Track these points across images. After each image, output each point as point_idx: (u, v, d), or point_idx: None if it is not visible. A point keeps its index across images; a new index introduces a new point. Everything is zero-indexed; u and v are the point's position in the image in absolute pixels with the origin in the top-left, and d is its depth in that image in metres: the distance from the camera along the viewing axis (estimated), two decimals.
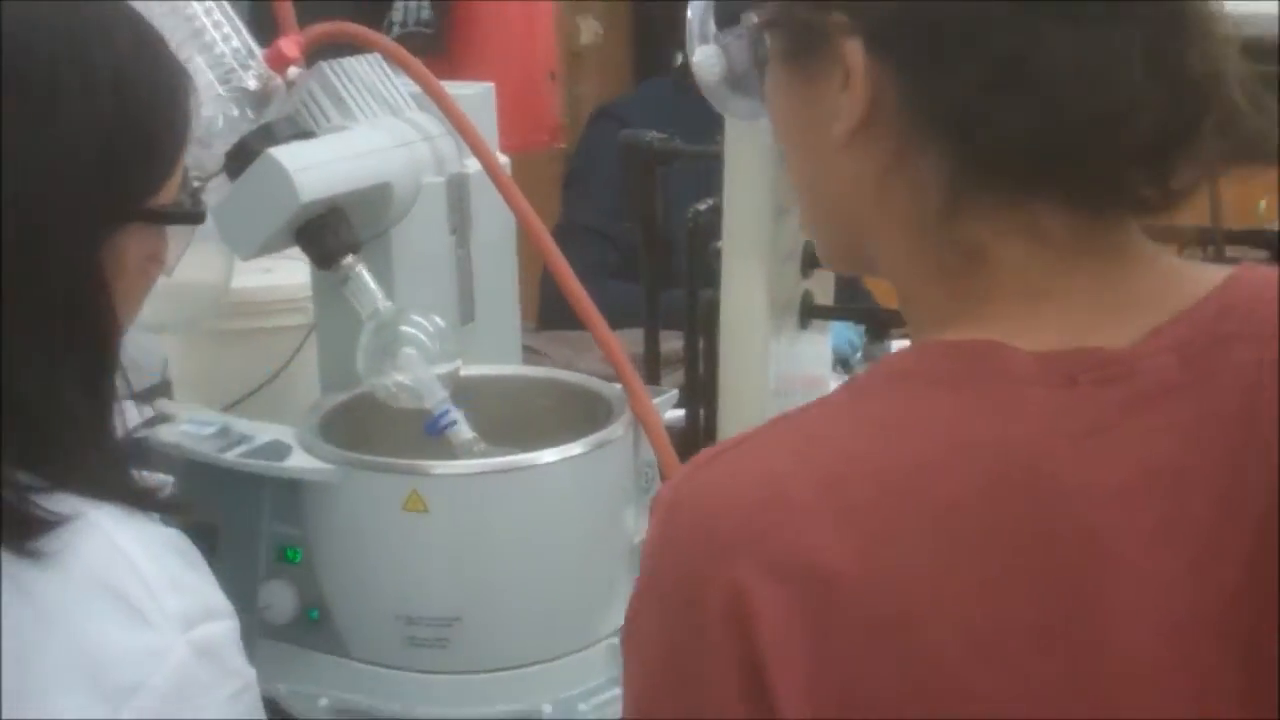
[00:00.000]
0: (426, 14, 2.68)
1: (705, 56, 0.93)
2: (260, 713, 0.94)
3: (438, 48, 2.78)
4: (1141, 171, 0.71)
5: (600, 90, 3.59)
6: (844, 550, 0.65)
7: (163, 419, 1.52)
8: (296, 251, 1.68)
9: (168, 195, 0.97)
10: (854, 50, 0.72)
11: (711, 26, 0.90)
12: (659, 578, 0.70)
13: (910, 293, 0.79)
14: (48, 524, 0.86)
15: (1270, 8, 1.24)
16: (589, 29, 3.88)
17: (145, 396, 1.98)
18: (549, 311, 2.40)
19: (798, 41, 0.76)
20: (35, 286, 0.89)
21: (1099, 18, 0.69)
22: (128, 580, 0.87)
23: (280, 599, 1.38)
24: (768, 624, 0.64)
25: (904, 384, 0.73)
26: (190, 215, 1.01)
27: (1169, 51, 0.70)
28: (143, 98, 0.94)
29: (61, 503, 0.88)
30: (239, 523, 1.40)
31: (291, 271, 1.88)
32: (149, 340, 2.00)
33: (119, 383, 0.97)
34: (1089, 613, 0.67)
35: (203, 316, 1.65)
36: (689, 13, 0.92)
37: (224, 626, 0.90)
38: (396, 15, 2.62)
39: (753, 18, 0.79)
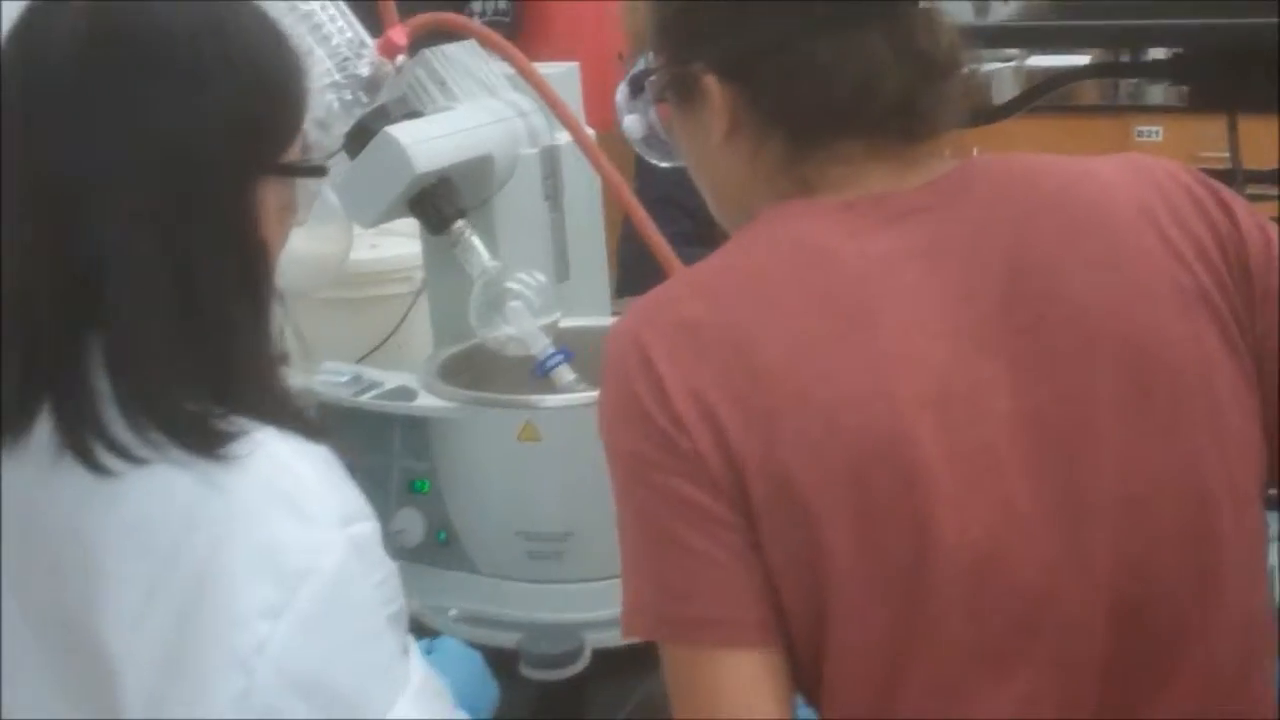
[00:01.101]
0: (504, 4, 2.84)
1: (630, 123, 1.26)
2: (400, 598, 1.07)
3: (513, 34, 2.93)
4: (903, 113, 1.06)
5: None
6: (702, 311, 1.02)
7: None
8: (399, 226, 1.86)
9: (294, 155, 1.11)
10: (711, 83, 1.09)
11: (628, 101, 1.25)
12: (608, 367, 1.05)
13: None
14: (231, 435, 1.01)
15: None
16: None
17: None
18: (626, 279, 2.55)
19: (679, 90, 1.13)
20: (204, 232, 1.02)
21: (853, 26, 1.05)
22: (293, 485, 1.01)
23: (411, 525, 1.55)
24: (659, 357, 1.01)
25: (741, 233, 1.09)
26: (314, 170, 1.15)
27: (906, 40, 1.05)
28: (272, 71, 1.08)
29: (234, 423, 1.02)
30: (372, 460, 1.57)
31: (396, 245, 2.06)
32: None
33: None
34: (871, 322, 1.00)
35: (324, 283, 1.82)
36: (616, 95, 1.28)
37: (370, 526, 1.05)
38: (476, 6, 2.78)
39: (652, 84, 1.16)
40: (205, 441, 1.00)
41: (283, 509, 1.00)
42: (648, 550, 1.03)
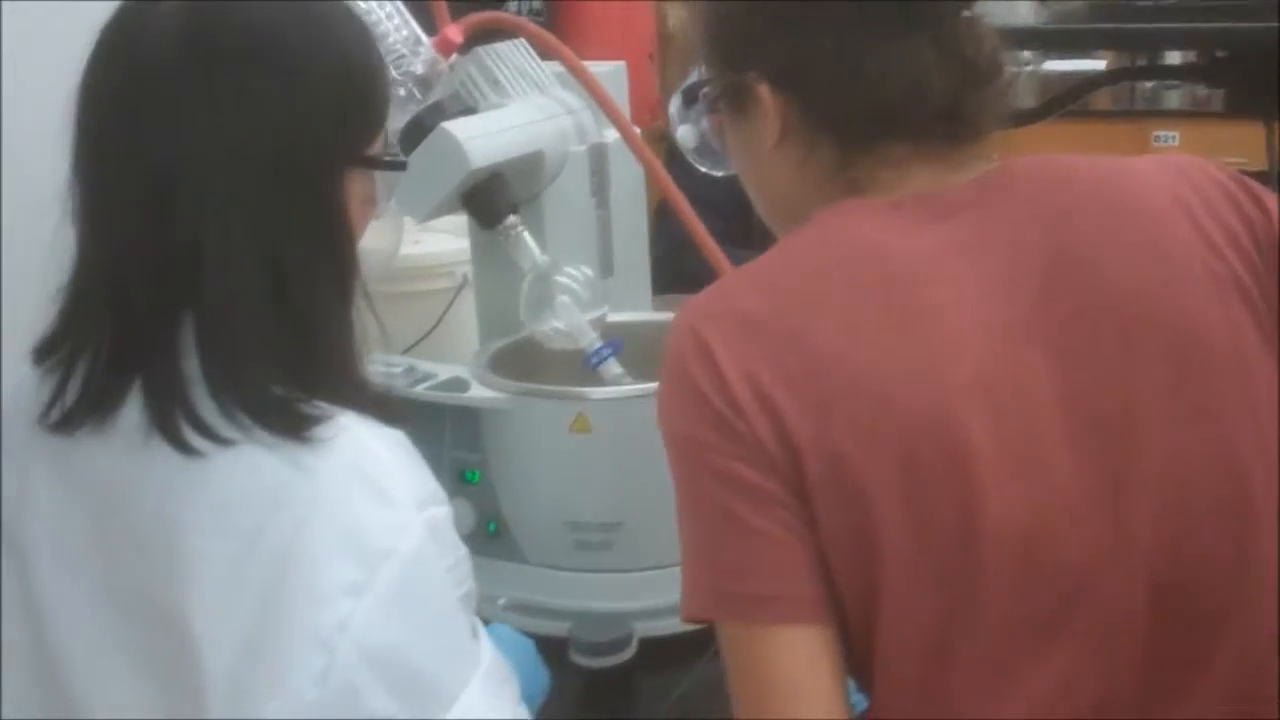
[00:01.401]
0: (538, 3, 2.86)
1: (683, 133, 1.34)
2: (471, 581, 1.10)
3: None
4: (948, 117, 1.11)
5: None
6: (758, 303, 1.06)
7: None
8: (442, 223, 1.88)
9: (377, 149, 1.14)
10: (764, 92, 1.13)
11: (681, 111, 1.31)
12: (666, 358, 1.07)
13: None
14: (316, 418, 1.03)
15: None
16: (676, 13, 4.06)
17: None
18: (659, 277, 2.57)
19: (734, 99, 1.16)
20: (295, 221, 1.05)
21: (900, 31, 1.09)
22: (374, 468, 1.03)
23: (461, 515, 1.54)
24: (716, 344, 1.04)
25: (794, 232, 1.13)
26: (397, 164, 1.19)
27: (952, 45, 1.10)
28: (360, 65, 1.12)
29: (317, 407, 1.04)
30: (423, 451, 1.59)
31: (438, 241, 2.09)
32: None
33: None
34: (919, 311, 1.05)
35: (376, 277, 1.84)
36: (670, 107, 1.35)
37: (445, 510, 1.08)
38: (511, 6, 2.80)
39: (705, 95, 1.20)
40: (290, 424, 1.03)
41: (365, 491, 1.02)
42: (705, 531, 1.06)
